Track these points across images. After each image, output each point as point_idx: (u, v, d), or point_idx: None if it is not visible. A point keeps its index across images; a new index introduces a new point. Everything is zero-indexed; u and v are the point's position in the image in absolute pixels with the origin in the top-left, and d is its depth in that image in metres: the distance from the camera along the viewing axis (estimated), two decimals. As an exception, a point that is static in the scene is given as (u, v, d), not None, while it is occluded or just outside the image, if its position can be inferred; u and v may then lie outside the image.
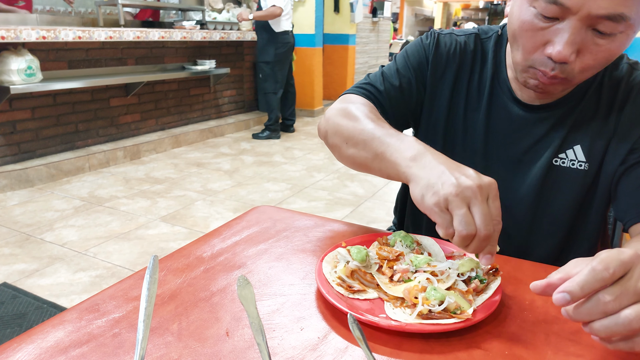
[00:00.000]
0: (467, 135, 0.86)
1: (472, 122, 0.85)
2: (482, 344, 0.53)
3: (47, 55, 3.50)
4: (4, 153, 3.32)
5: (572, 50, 0.64)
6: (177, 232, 2.66)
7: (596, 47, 0.64)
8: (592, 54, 0.65)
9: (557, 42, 0.64)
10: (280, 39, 4.55)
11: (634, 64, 0.79)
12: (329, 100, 7.35)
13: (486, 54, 0.86)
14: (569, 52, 0.64)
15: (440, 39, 0.88)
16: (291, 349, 0.51)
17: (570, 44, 0.63)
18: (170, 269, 0.68)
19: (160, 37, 4.05)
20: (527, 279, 0.66)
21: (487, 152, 0.84)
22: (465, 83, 0.86)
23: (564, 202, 0.80)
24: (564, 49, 0.64)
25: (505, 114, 0.82)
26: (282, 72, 4.74)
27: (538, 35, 0.66)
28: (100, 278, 2.15)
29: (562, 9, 0.62)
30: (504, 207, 0.80)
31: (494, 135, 0.83)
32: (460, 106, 0.86)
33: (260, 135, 4.92)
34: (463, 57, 0.87)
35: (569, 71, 0.67)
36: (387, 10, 8.75)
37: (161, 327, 0.55)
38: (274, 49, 4.54)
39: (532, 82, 0.72)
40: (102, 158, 3.80)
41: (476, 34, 0.88)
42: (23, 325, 1.79)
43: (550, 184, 0.80)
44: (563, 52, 0.64)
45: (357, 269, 0.62)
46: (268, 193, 3.33)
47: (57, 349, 0.51)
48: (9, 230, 2.61)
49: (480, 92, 0.85)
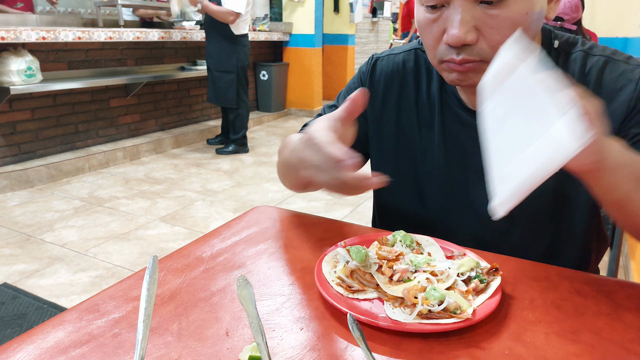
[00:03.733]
0: (427, 153, 0.83)
1: (429, 139, 0.83)
2: (481, 343, 0.53)
3: (47, 56, 3.50)
4: (4, 154, 3.32)
5: (466, 30, 0.63)
6: (177, 233, 2.66)
7: (494, 20, 0.63)
8: (494, 28, 0.64)
9: (449, 26, 0.65)
10: (241, 42, 3.92)
11: (588, 50, 0.75)
12: (329, 101, 7.35)
13: (430, 67, 0.83)
14: (463, 32, 0.63)
15: (376, 64, 0.88)
16: (291, 348, 0.51)
17: (461, 23, 0.63)
18: (170, 269, 0.68)
19: (160, 37, 4.05)
20: (527, 278, 0.66)
21: (449, 166, 0.82)
22: (412, 101, 0.85)
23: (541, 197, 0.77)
24: (457, 31, 0.63)
25: (460, 124, 0.80)
26: (245, 80, 4.08)
27: (433, 28, 0.67)
28: (100, 278, 2.15)
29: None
30: (480, 217, 0.78)
31: (453, 148, 0.81)
32: (413, 125, 0.85)
33: (225, 150, 4.26)
34: (404, 76, 0.85)
35: (478, 52, 0.66)
36: (386, 10, 8.76)
37: (161, 327, 0.55)
38: (236, 58, 3.90)
39: (451, 77, 0.71)
40: (102, 158, 3.80)
41: (416, 49, 0.86)
42: (23, 325, 1.79)
43: None
44: (457, 33, 0.64)
45: (357, 268, 0.62)
46: (267, 193, 3.34)
47: (57, 349, 0.51)
48: (9, 231, 2.61)
49: (430, 107, 0.83)
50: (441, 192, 0.84)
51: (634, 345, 0.52)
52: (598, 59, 0.74)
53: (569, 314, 0.58)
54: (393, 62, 0.87)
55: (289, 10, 6.06)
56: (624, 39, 4.61)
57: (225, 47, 3.86)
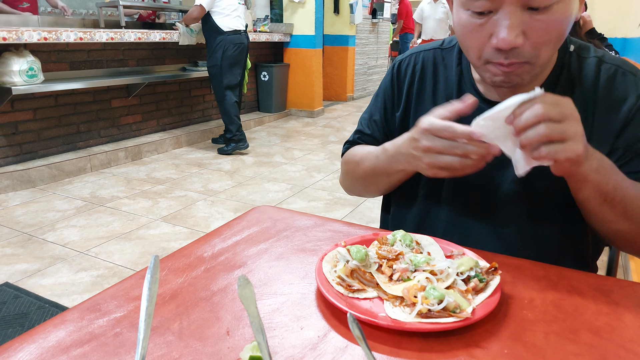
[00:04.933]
0: None
1: None
2: (481, 342, 0.53)
3: (48, 57, 3.50)
4: (6, 154, 3.33)
5: (516, 33, 0.65)
6: (178, 232, 2.66)
7: (539, 23, 0.66)
8: (538, 31, 0.66)
9: (499, 31, 0.66)
10: (230, 39, 3.97)
11: (602, 57, 0.79)
12: (329, 101, 7.36)
13: (450, 62, 0.88)
14: (513, 36, 0.65)
15: (400, 66, 0.93)
16: (291, 347, 0.52)
17: (510, 28, 0.65)
18: (171, 269, 0.68)
19: (162, 38, 4.05)
20: (526, 278, 0.66)
21: None
22: (429, 95, 0.89)
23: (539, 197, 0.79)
24: (507, 35, 0.65)
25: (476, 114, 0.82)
26: (232, 75, 4.08)
27: (480, 32, 0.69)
28: (101, 278, 2.16)
29: (491, 1, 0.65)
30: (493, 205, 0.81)
31: None
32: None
33: (225, 149, 4.29)
34: (424, 70, 0.90)
35: (524, 54, 0.68)
36: (386, 11, 8.74)
37: (162, 326, 0.55)
38: (222, 51, 3.96)
39: (496, 79, 0.73)
40: (103, 159, 3.81)
41: (438, 47, 0.91)
42: (25, 325, 1.79)
43: (533, 180, 0.78)
44: (507, 38, 0.65)
45: (357, 268, 0.62)
46: (268, 193, 3.34)
47: (58, 348, 0.51)
48: (11, 231, 2.62)
49: (447, 99, 0.86)
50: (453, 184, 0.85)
51: (634, 345, 0.52)
52: (610, 67, 0.78)
53: (568, 313, 0.58)
54: (415, 59, 0.92)
55: (289, 12, 6.06)
56: (623, 39, 4.61)
57: (211, 42, 4.03)
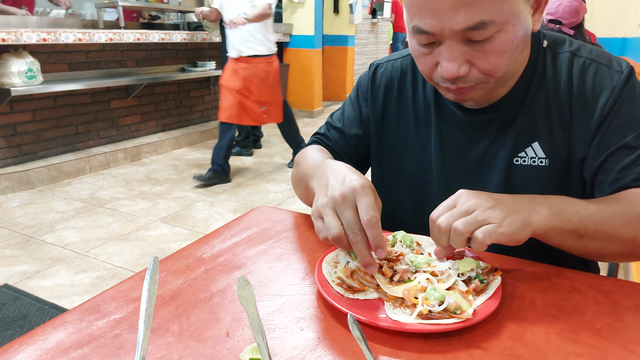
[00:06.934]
0: (425, 151, 0.87)
1: (426, 137, 0.86)
2: (481, 343, 0.53)
3: (47, 58, 3.50)
4: (4, 155, 3.33)
5: (459, 64, 0.67)
6: (178, 233, 2.66)
7: (481, 52, 0.66)
8: (483, 59, 0.67)
9: (442, 62, 0.68)
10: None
11: (575, 51, 0.77)
12: (329, 101, 7.35)
13: None
14: (455, 68, 0.67)
15: (377, 71, 0.93)
16: (291, 349, 0.52)
17: (451, 60, 0.66)
18: (170, 270, 0.68)
19: (161, 39, 4.05)
20: (527, 278, 0.66)
21: (444, 163, 0.84)
22: (410, 102, 0.88)
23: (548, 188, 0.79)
24: (449, 67, 0.67)
25: (455, 121, 0.83)
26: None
27: (427, 59, 0.70)
28: (101, 279, 2.15)
29: (430, 36, 0.66)
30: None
31: (448, 145, 0.84)
32: (410, 125, 0.88)
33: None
34: (402, 79, 0.89)
35: (472, 79, 0.69)
36: (386, 11, 8.76)
37: (162, 327, 0.55)
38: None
39: (449, 96, 0.74)
40: (102, 160, 3.81)
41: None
42: (24, 326, 1.79)
43: (515, 184, 0.79)
44: (449, 69, 0.67)
45: (357, 269, 0.62)
46: (268, 194, 3.34)
47: (58, 350, 0.51)
48: (10, 232, 2.62)
49: (426, 106, 0.86)
50: (438, 190, 0.86)
51: (634, 345, 0.52)
52: (584, 60, 0.76)
53: (569, 314, 0.58)
54: (392, 67, 0.92)
55: (289, 12, 6.06)
56: (623, 39, 4.61)
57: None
